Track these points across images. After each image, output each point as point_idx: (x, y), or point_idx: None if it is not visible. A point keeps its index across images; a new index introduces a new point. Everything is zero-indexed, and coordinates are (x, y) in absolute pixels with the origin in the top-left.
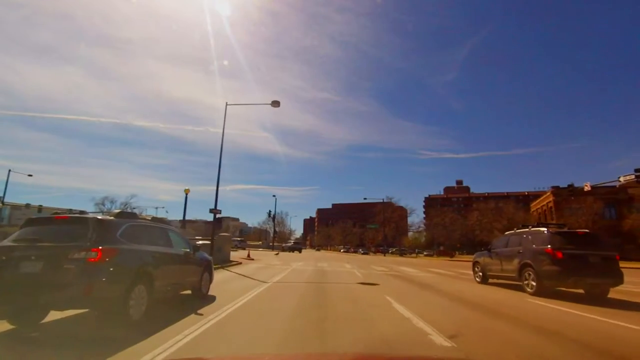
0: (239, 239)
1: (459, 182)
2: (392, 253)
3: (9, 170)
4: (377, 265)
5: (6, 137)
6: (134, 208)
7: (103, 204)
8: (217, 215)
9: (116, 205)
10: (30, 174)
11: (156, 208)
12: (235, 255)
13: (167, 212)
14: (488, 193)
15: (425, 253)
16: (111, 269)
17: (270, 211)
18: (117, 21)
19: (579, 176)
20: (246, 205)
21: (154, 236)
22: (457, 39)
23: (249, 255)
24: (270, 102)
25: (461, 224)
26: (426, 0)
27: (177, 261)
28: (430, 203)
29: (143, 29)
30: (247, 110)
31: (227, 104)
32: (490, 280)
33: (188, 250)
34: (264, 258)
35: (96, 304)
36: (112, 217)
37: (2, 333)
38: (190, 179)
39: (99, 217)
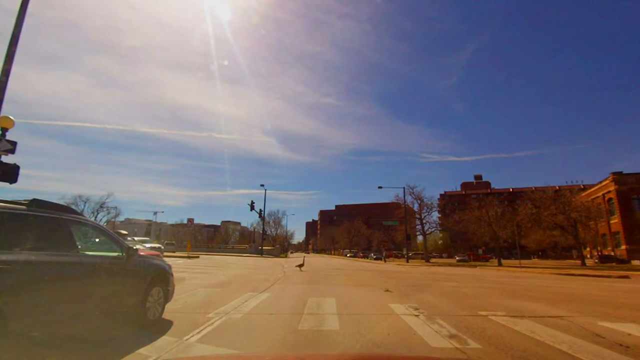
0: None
1: (478, 177)
2: (412, 258)
3: None
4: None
5: None
6: (114, 208)
7: (76, 204)
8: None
9: (90, 206)
10: None
11: (154, 213)
12: None
13: (155, 214)
14: (512, 188)
15: (457, 258)
16: None
17: (252, 202)
18: (121, 29)
19: (580, 178)
20: (248, 209)
21: (21, 234)
22: (459, 42)
23: None
24: None
25: (510, 219)
26: (427, 4)
27: (86, 274)
28: (447, 201)
29: (146, 37)
30: (248, 115)
31: None
32: None
33: (119, 254)
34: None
35: None
36: None
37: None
38: (194, 185)
39: None
